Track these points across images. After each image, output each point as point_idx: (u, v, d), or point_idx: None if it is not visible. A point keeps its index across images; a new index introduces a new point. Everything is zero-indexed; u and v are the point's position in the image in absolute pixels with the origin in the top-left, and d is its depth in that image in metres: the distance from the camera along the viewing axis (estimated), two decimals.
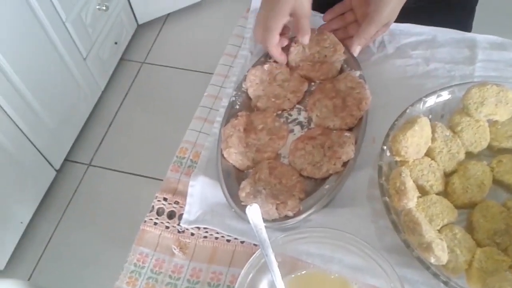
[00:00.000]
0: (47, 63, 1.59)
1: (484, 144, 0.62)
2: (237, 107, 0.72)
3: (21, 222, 1.57)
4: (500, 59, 0.75)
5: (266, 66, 0.75)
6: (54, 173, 1.70)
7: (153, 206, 0.65)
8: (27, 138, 1.52)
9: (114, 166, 1.78)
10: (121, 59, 2.04)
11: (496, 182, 0.60)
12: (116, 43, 1.97)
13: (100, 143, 1.85)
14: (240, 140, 0.66)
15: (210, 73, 0.79)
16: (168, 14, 2.20)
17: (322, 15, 0.81)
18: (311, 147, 0.65)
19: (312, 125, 0.70)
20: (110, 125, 1.89)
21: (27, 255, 1.60)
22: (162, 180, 0.67)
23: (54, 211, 1.69)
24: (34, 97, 1.53)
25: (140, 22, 2.14)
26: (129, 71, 2.05)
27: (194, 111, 0.76)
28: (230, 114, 0.70)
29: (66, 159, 1.76)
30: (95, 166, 1.79)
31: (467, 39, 0.78)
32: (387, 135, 0.61)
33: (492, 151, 0.63)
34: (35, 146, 1.57)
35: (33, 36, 1.50)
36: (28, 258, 1.60)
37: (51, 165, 1.67)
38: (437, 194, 0.59)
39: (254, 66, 0.75)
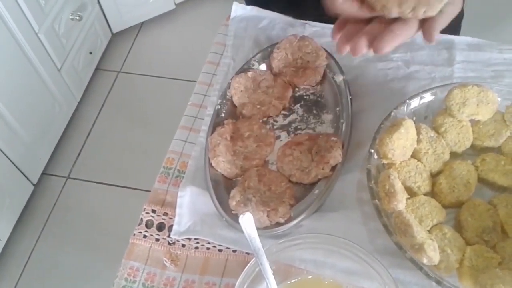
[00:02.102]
0: (21, 75, 1.56)
1: (468, 144, 0.64)
2: (223, 115, 0.72)
3: (0, 239, 1.53)
4: (477, 59, 0.77)
5: (249, 73, 0.75)
6: (32, 187, 1.66)
7: (141, 219, 0.64)
8: (2, 152, 1.49)
9: (94, 178, 1.75)
10: (97, 69, 2.01)
11: (481, 180, 0.61)
12: (91, 53, 1.94)
13: (78, 155, 1.82)
14: (228, 149, 0.66)
15: (186, 80, 0.79)
16: (143, 23, 2.19)
17: (308, 23, 0.82)
18: (299, 152, 0.65)
19: (298, 131, 0.70)
20: (87, 136, 1.86)
21: (7, 273, 1.56)
22: (143, 190, 0.67)
23: (33, 227, 1.65)
24: (9, 111, 1.50)
25: (115, 31, 2.12)
26: (105, 81, 2.02)
27: (173, 118, 0.75)
28: (216, 123, 0.70)
29: (43, 173, 1.72)
30: (74, 178, 1.76)
31: (445, 41, 0.79)
32: (374, 139, 0.62)
33: (476, 150, 0.64)
34: (10, 161, 1.53)
35: (5, 48, 1.47)
36: (8, 276, 1.55)
37: (28, 179, 1.63)
38: (425, 194, 0.60)
39: (237, 73, 0.75)
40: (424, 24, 0.50)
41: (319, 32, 0.82)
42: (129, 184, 1.70)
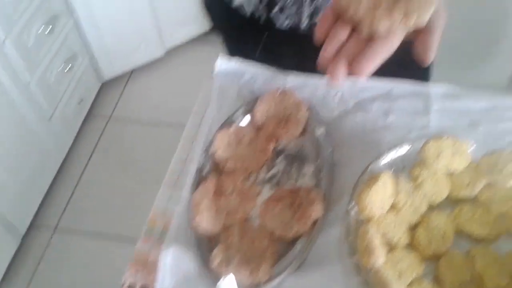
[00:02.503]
0: (10, 125, 1.58)
1: (444, 195, 0.65)
2: (206, 170, 0.73)
3: None
4: (453, 108, 0.79)
5: (232, 128, 0.77)
6: (19, 239, 1.64)
7: (124, 281, 0.64)
8: None
9: (82, 228, 1.74)
10: (87, 116, 2.04)
11: (459, 231, 0.62)
12: (81, 101, 1.97)
13: (66, 205, 1.81)
14: (211, 206, 0.67)
15: (176, 126, 0.80)
16: (133, 70, 2.23)
17: (289, 75, 0.85)
18: (281, 207, 0.66)
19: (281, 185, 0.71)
20: (76, 186, 1.86)
21: None
22: (133, 238, 0.67)
23: (20, 281, 1.62)
24: None
25: (105, 78, 2.15)
26: (95, 128, 2.04)
27: (163, 164, 0.76)
28: (199, 179, 0.71)
29: (31, 224, 1.70)
30: (62, 229, 1.75)
31: (421, 90, 0.82)
32: (353, 192, 0.63)
33: (453, 201, 0.65)
34: None
35: None
36: None
37: (15, 231, 1.62)
38: (404, 248, 0.61)
39: (220, 128, 0.77)
40: (418, 43, 0.48)
41: (300, 85, 0.85)
42: (118, 232, 1.69)
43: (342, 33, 0.48)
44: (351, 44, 0.47)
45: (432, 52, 0.48)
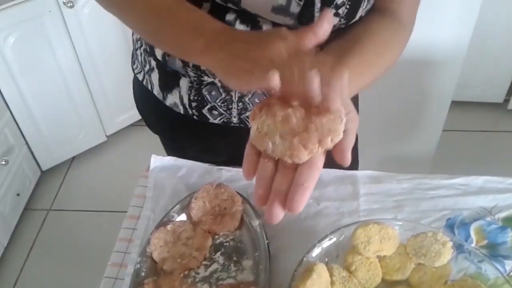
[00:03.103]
0: None
1: (378, 280, 0.67)
2: (143, 273, 0.72)
3: None
4: (379, 191, 0.84)
5: (169, 227, 0.77)
6: None
7: None
8: None
9: None
10: (25, 209, 1.95)
11: None
12: (18, 194, 1.90)
13: None
14: None
15: (119, 212, 0.78)
16: (73, 157, 2.19)
17: (223, 168, 0.87)
18: None
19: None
20: (15, 285, 1.75)
21: None
22: None
23: None
24: None
25: (44, 168, 2.10)
26: (34, 221, 1.96)
27: (106, 254, 0.74)
28: (136, 283, 0.70)
29: None
30: None
31: (348, 176, 0.86)
32: (289, 286, 0.64)
33: (387, 284, 0.68)
34: None
35: None
36: None
37: None
38: None
39: (157, 227, 0.77)
40: (334, 150, 0.50)
41: (234, 177, 0.87)
42: None
43: (268, 168, 0.50)
44: (280, 178, 0.49)
45: (348, 154, 0.50)
